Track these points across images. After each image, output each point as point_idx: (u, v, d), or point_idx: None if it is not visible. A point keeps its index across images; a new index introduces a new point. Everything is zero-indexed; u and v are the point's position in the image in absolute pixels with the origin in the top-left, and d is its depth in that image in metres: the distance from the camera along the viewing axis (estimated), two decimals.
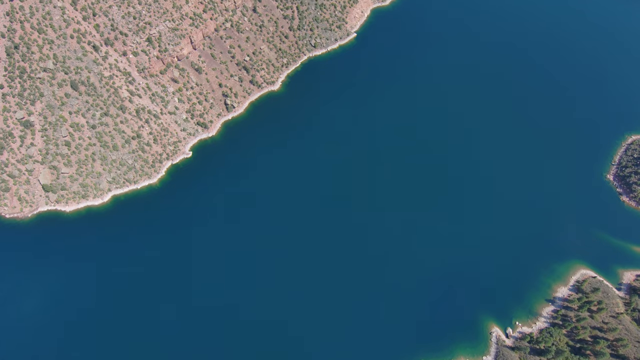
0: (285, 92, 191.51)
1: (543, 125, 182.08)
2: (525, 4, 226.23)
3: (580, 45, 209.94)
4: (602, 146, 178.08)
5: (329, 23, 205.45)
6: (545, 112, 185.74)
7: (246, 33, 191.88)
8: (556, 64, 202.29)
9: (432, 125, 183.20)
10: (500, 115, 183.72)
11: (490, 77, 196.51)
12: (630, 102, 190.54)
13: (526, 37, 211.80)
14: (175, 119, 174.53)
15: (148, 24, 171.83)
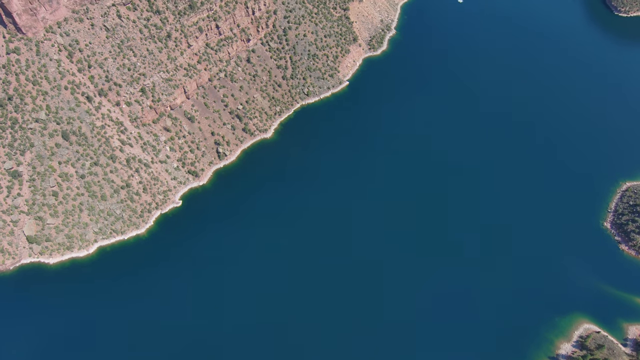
0: (277, 139, 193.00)
1: (536, 172, 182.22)
2: (515, 53, 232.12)
3: (572, 91, 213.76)
4: (597, 193, 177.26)
5: (321, 72, 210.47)
6: (538, 159, 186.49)
7: (240, 82, 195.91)
8: (548, 110, 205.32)
9: (426, 173, 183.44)
10: (493, 164, 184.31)
11: (481, 124, 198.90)
12: (623, 148, 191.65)
13: (517, 84, 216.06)
14: (166, 167, 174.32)
15: (142, 75, 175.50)
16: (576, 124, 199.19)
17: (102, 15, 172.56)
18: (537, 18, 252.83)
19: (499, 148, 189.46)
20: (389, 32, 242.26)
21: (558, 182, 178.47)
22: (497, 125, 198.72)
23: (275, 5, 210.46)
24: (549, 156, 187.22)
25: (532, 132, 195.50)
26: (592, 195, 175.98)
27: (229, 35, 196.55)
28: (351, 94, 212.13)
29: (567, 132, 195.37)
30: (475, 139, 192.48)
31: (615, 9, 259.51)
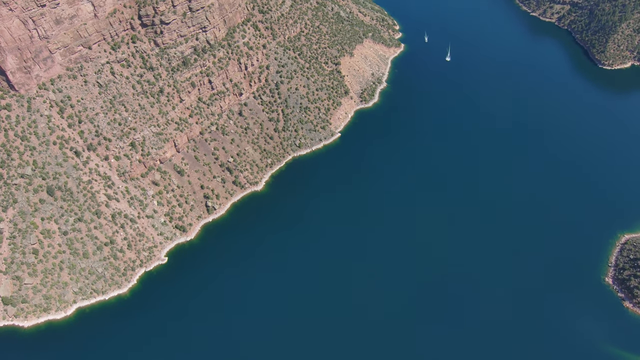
0: (268, 192, 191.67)
1: (532, 224, 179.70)
2: (503, 106, 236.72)
3: (563, 142, 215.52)
4: (595, 246, 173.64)
5: (313, 124, 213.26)
6: (532, 211, 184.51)
7: (231, 135, 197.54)
8: (539, 162, 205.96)
9: (419, 223, 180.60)
10: (485, 217, 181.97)
11: (473, 176, 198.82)
12: (620, 199, 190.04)
13: (507, 137, 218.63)
14: (153, 222, 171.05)
15: (133, 129, 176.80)
16: (569, 175, 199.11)
17: (96, 72, 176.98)
18: (524, 74, 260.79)
19: (491, 200, 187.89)
20: (380, 85, 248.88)
21: (554, 235, 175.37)
22: (489, 177, 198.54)
23: (268, 60, 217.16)
24: (544, 208, 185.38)
25: (525, 184, 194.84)
26: (591, 248, 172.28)
27: (222, 89, 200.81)
28: (343, 146, 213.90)
29: (561, 183, 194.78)
30: (467, 191, 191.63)
31: (599, 62, 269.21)
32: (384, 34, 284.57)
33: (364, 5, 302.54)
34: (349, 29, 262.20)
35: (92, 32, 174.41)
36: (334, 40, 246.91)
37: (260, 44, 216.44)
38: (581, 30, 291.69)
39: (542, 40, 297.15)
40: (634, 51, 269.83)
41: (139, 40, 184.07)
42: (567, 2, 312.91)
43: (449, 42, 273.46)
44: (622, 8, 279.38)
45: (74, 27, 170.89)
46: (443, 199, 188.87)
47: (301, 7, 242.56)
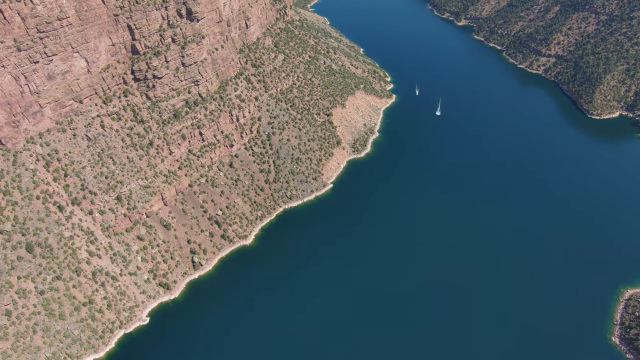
0: (258, 246, 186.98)
1: (532, 280, 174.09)
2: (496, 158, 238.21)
3: (557, 193, 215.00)
4: (599, 302, 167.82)
5: (305, 175, 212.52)
6: (530, 266, 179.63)
7: (221, 187, 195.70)
8: (539, 213, 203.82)
9: (414, 277, 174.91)
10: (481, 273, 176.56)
11: (468, 230, 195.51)
12: (620, 251, 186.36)
13: (501, 189, 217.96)
14: (136, 280, 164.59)
15: (120, 183, 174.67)
16: (567, 228, 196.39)
17: (86, 125, 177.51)
18: (516, 125, 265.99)
19: (486, 255, 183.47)
20: (372, 135, 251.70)
21: (555, 291, 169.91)
22: (483, 229, 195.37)
23: (260, 112, 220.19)
24: (543, 262, 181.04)
25: (523, 238, 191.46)
26: (594, 304, 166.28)
27: (213, 141, 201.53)
28: (335, 197, 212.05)
29: (559, 237, 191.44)
30: (463, 245, 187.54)
31: (587, 112, 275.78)
32: (376, 85, 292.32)
33: (355, 58, 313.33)
34: (341, 81, 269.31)
35: (84, 87, 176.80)
36: (325, 92, 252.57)
37: (253, 96, 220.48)
38: (568, 82, 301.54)
39: (530, 92, 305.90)
40: (620, 101, 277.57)
41: (131, 94, 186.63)
42: (553, 55, 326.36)
43: (439, 95, 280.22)
44: (606, 61, 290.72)
45: (66, 82, 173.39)
46: (439, 253, 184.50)
47: (293, 61, 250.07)
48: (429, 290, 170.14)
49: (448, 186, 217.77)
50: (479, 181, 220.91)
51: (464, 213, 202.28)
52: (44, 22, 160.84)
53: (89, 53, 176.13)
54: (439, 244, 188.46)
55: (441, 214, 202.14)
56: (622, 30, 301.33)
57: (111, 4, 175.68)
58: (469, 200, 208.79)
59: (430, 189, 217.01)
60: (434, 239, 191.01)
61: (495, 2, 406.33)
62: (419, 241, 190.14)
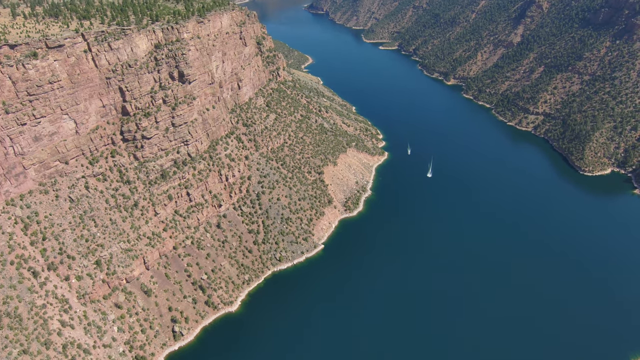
0: (244, 313, 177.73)
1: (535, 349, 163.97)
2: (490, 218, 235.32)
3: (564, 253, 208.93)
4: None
5: (295, 236, 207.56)
6: (534, 332, 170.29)
7: (207, 249, 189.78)
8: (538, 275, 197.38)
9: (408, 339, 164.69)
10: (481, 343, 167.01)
11: (462, 291, 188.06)
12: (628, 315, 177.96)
13: (497, 248, 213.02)
14: (110, 352, 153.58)
15: (100, 246, 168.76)
16: (567, 291, 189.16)
17: (70, 187, 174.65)
18: (508, 183, 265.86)
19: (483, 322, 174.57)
20: (364, 193, 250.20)
21: None
22: (479, 292, 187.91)
23: (250, 171, 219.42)
24: (544, 327, 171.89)
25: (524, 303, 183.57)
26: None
27: (200, 201, 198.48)
28: (327, 258, 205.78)
29: (560, 301, 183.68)
30: (458, 309, 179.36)
31: (579, 168, 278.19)
32: (368, 143, 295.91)
33: (347, 116, 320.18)
34: (333, 139, 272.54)
35: (71, 148, 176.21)
36: (317, 150, 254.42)
37: (243, 155, 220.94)
38: (557, 139, 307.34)
39: (522, 149, 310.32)
40: (611, 158, 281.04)
41: (119, 155, 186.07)
42: (541, 112, 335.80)
43: (431, 155, 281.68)
44: (593, 118, 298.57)
45: (53, 143, 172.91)
46: (435, 317, 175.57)
47: (285, 120, 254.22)
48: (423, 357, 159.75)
49: (443, 248, 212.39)
50: (474, 244, 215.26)
51: (459, 276, 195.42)
52: (34, 86, 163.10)
53: (78, 115, 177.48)
54: (434, 309, 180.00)
55: (435, 279, 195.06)
56: (606, 89, 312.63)
57: (104, 67, 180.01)
58: (463, 263, 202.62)
59: (424, 251, 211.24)
60: (428, 304, 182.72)
61: (482, 63, 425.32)
62: (414, 307, 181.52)
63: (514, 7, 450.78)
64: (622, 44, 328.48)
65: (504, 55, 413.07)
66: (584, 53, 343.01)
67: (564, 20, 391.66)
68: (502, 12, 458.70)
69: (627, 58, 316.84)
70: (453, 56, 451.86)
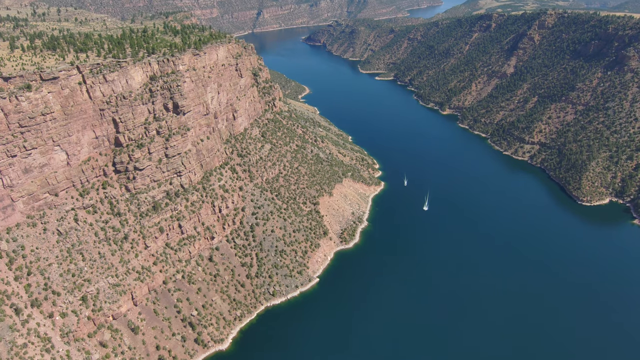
0: (235, 351, 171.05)
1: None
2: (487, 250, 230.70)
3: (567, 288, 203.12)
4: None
5: (289, 269, 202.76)
6: None
7: (198, 284, 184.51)
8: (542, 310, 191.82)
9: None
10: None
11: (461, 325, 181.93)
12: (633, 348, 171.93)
13: (495, 282, 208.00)
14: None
15: (87, 281, 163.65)
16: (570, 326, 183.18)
17: (58, 219, 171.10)
18: (506, 214, 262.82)
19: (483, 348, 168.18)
20: (360, 224, 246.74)
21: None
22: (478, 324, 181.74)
23: (244, 202, 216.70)
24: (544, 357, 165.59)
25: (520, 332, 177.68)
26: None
27: (192, 234, 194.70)
28: (322, 292, 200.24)
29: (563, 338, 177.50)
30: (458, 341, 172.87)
31: (577, 198, 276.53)
32: (364, 173, 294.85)
33: (343, 146, 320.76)
34: (328, 169, 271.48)
35: (61, 180, 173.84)
36: (312, 180, 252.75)
37: (237, 186, 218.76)
38: (554, 168, 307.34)
39: (519, 179, 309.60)
40: (608, 187, 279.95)
41: (110, 186, 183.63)
42: (536, 142, 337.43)
43: (427, 188, 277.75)
44: (588, 148, 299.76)
45: (43, 175, 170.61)
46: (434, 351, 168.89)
47: (280, 150, 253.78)
48: None
49: (441, 282, 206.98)
50: (472, 277, 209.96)
51: (458, 311, 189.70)
52: (27, 117, 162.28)
53: (70, 146, 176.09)
54: (434, 343, 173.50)
55: (434, 313, 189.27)
56: (600, 119, 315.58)
57: (98, 99, 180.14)
58: (463, 297, 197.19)
59: (422, 285, 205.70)
60: (427, 338, 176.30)
61: (477, 93, 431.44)
62: (413, 342, 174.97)
63: (506, 39, 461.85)
64: (613, 75, 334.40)
65: (497, 86, 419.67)
66: (577, 84, 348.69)
67: (556, 52, 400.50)
68: (494, 44, 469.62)
69: (619, 88, 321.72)
70: (448, 86, 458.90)
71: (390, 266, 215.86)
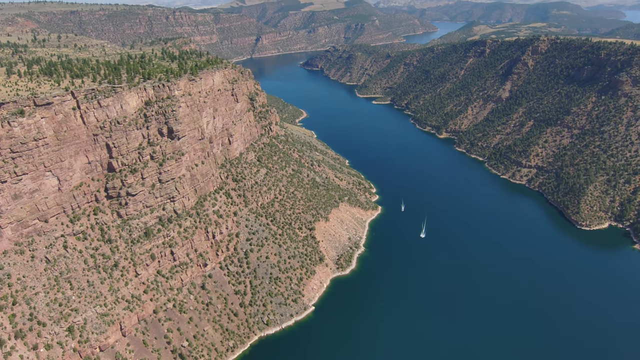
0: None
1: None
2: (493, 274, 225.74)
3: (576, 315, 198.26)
4: None
5: (284, 297, 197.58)
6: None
7: (190, 313, 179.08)
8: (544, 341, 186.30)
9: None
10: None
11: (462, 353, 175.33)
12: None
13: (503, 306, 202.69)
14: None
15: (74, 311, 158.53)
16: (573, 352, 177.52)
17: (47, 246, 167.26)
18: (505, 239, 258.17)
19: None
20: (357, 249, 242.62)
21: None
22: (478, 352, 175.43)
23: (238, 228, 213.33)
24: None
25: None
26: None
27: (185, 260, 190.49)
28: (317, 321, 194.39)
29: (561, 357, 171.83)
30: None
31: (576, 223, 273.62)
32: (361, 197, 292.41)
33: (340, 170, 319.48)
34: (325, 193, 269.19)
35: (52, 206, 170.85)
36: (308, 205, 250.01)
37: (232, 211, 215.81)
38: (552, 192, 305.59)
39: (517, 203, 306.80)
40: (607, 211, 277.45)
41: (101, 212, 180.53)
42: (533, 166, 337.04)
43: (424, 215, 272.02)
44: (585, 172, 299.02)
45: (33, 201, 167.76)
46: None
47: (276, 175, 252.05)
48: None
49: (440, 311, 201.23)
50: (470, 307, 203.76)
51: (458, 340, 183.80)
52: (18, 143, 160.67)
53: (62, 172, 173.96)
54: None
55: (433, 343, 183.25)
56: (596, 143, 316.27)
57: (92, 124, 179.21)
58: (461, 326, 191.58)
59: (420, 314, 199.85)
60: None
61: (473, 117, 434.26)
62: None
63: (500, 64, 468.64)
64: (607, 99, 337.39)
65: (493, 110, 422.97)
66: (572, 108, 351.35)
67: (550, 76, 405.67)
68: (489, 69, 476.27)
69: (614, 113, 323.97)
70: (444, 110, 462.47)
71: (387, 294, 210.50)
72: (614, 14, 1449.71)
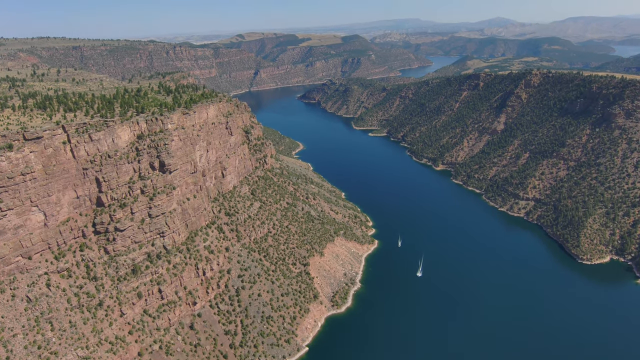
0: None
1: None
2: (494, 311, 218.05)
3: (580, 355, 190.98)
4: None
5: (276, 337, 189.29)
6: None
7: (177, 355, 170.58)
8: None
9: None
10: None
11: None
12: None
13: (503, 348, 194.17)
14: None
15: (54, 354, 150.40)
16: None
17: (29, 284, 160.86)
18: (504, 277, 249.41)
19: None
20: (353, 285, 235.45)
21: None
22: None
23: (230, 264, 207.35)
24: None
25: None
26: None
27: (173, 299, 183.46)
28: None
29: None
30: None
31: (577, 257, 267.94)
32: (357, 231, 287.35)
33: (336, 203, 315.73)
34: (320, 227, 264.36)
35: (36, 242, 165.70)
36: (303, 239, 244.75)
37: (223, 246, 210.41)
38: (551, 225, 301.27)
39: (516, 237, 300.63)
40: (608, 245, 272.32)
41: (88, 248, 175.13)
42: (531, 198, 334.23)
43: (421, 252, 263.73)
44: (584, 204, 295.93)
45: (17, 237, 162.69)
46: None
47: (270, 208, 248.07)
48: None
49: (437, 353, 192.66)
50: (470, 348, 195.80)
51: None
52: (5, 177, 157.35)
53: (49, 207, 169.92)
54: None
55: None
56: (593, 175, 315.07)
57: (82, 158, 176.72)
58: None
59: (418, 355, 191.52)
60: None
61: (469, 149, 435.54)
62: None
63: (494, 97, 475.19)
64: (601, 132, 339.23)
65: (489, 142, 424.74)
66: (566, 140, 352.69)
67: (544, 109, 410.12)
68: (484, 101, 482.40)
69: (609, 145, 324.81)
70: (440, 142, 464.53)
71: (384, 335, 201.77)
72: (604, 48, 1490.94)
